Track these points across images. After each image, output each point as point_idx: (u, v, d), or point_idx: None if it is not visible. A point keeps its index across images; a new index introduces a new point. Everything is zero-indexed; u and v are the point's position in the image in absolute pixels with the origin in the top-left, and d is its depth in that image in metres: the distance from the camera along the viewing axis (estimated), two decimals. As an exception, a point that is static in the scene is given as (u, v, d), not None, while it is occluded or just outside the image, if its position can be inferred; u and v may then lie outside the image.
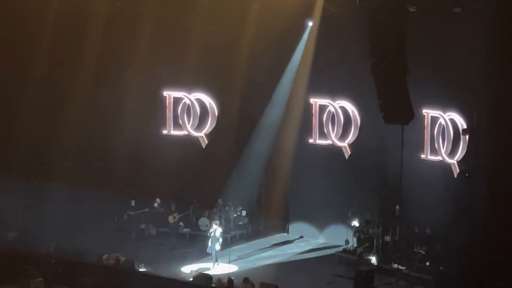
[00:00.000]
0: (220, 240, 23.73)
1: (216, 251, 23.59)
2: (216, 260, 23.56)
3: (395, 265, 22.39)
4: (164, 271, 22.81)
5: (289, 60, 26.36)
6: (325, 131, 25.51)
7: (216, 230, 23.73)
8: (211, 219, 26.81)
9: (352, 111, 25.26)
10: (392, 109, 19.30)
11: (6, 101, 25.16)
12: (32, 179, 26.08)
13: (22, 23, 24.50)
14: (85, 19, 25.71)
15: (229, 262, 22.97)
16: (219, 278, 21.46)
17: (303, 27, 25.88)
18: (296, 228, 27.89)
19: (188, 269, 23.31)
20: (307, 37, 25.91)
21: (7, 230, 25.40)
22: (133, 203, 27.38)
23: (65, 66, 26.02)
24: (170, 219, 26.91)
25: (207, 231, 24.30)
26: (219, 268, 23.30)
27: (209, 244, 23.74)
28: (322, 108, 25.64)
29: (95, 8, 25.85)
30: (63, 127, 26.29)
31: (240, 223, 27.38)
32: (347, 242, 25.34)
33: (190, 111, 27.07)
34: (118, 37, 26.85)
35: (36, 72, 25.84)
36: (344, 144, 25.40)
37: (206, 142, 27.13)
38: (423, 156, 23.23)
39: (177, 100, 27.13)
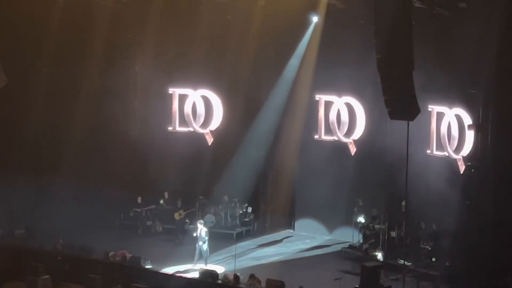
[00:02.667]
0: (206, 239, 23.09)
1: (204, 251, 23.06)
2: (205, 263, 23.08)
3: (401, 261, 22.37)
4: (170, 268, 22.87)
5: (294, 56, 26.35)
6: (331, 127, 25.49)
7: (202, 230, 23.22)
8: (216, 216, 26.87)
9: (358, 107, 25.24)
10: (398, 105, 19.23)
11: (12, 99, 25.20)
12: (38, 176, 26.14)
13: (28, 17, 24.51)
14: (91, 14, 25.72)
15: (235, 257, 22.94)
16: (225, 275, 21.55)
17: (308, 23, 25.86)
18: (302, 224, 27.91)
19: (172, 270, 22.85)
20: (312, 33, 25.89)
21: (15, 227, 25.51)
22: (139, 200, 27.44)
23: (71, 65, 26.04)
24: (176, 216, 26.94)
25: (203, 230, 23.36)
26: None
27: (196, 245, 23.21)
28: (328, 104, 25.62)
29: (101, 3, 25.86)
30: (70, 124, 26.33)
31: (246, 219, 27.41)
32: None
33: (195, 108, 27.09)
34: (124, 34, 26.89)
35: (41, 72, 25.88)
36: (350, 140, 25.38)
37: (212, 139, 27.14)
38: (429, 151, 23.20)
39: (182, 97, 27.16)
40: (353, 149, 25.47)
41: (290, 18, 24.74)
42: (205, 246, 23.12)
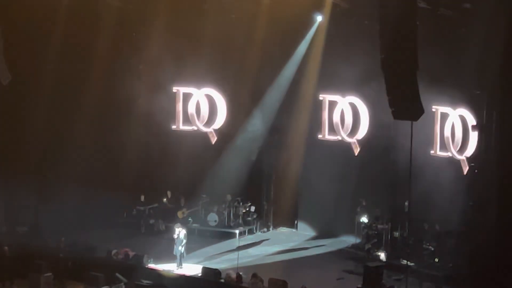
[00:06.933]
0: (184, 242, 22.99)
1: (181, 254, 22.96)
2: (180, 263, 22.92)
3: (404, 261, 22.36)
4: (173, 266, 22.88)
5: (299, 55, 26.35)
6: (335, 127, 25.47)
7: (180, 232, 23.11)
8: (219, 214, 26.87)
9: (362, 107, 25.22)
10: (402, 105, 19.24)
11: (18, 100, 25.29)
12: (42, 174, 26.17)
13: (32, 20, 24.55)
14: (96, 15, 25.74)
15: (238, 256, 22.91)
16: (228, 273, 21.58)
17: (312, 22, 25.86)
18: (305, 224, 27.90)
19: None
20: (317, 32, 25.88)
21: (18, 225, 25.53)
22: (142, 198, 27.46)
23: (75, 64, 26.04)
24: (179, 214, 26.95)
25: (175, 234, 23.20)
26: (183, 271, 22.75)
27: (174, 246, 23.09)
28: (332, 104, 25.60)
29: (106, 2, 25.89)
30: (74, 121, 26.35)
31: (249, 218, 27.41)
32: None
33: (199, 107, 27.10)
34: (128, 32, 26.91)
35: (45, 71, 25.89)
36: (353, 140, 25.36)
37: (215, 137, 27.15)
38: (432, 152, 23.19)
39: (186, 96, 27.17)
40: (356, 149, 25.45)
41: (295, 17, 24.71)
42: (182, 248, 23.03)
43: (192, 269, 22.74)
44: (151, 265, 22.72)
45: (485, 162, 22.04)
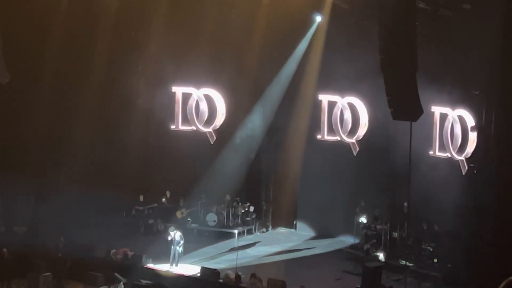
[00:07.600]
0: (181, 242, 22.94)
1: (178, 254, 22.92)
2: (176, 264, 22.88)
3: (403, 262, 22.37)
4: (172, 266, 22.88)
5: (298, 55, 26.35)
6: (334, 127, 25.46)
7: (175, 234, 23.05)
8: (218, 214, 26.86)
9: (361, 108, 25.20)
10: (401, 106, 19.27)
11: (17, 99, 25.26)
12: (41, 174, 26.15)
13: (32, 20, 24.54)
14: (95, 14, 25.73)
15: (237, 256, 22.91)
16: (227, 274, 21.56)
17: (311, 23, 25.86)
18: (304, 224, 27.90)
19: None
20: (316, 33, 25.88)
21: (16, 225, 25.51)
22: (141, 198, 27.44)
23: (74, 64, 26.01)
24: (178, 214, 26.94)
25: (171, 236, 23.12)
26: (182, 270, 22.75)
27: (171, 247, 23.04)
28: (331, 104, 25.60)
29: (105, 3, 25.88)
30: (73, 122, 26.33)
31: (248, 219, 27.40)
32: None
33: (198, 107, 27.09)
34: (128, 33, 26.90)
35: (45, 70, 25.87)
36: (353, 141, 25.34)
37: (214, 137, 27.14)
38: (431, 152, 23.20)
39: (186, 96, 27.17)
40: (355, 150, 25.44)
41: (294, 17, 24.73)
42: (180, 249, 22.98)
43: (191, 269, 22.76)
44: (150, 265, 22.72)
45: (484, 163, 22.05)
